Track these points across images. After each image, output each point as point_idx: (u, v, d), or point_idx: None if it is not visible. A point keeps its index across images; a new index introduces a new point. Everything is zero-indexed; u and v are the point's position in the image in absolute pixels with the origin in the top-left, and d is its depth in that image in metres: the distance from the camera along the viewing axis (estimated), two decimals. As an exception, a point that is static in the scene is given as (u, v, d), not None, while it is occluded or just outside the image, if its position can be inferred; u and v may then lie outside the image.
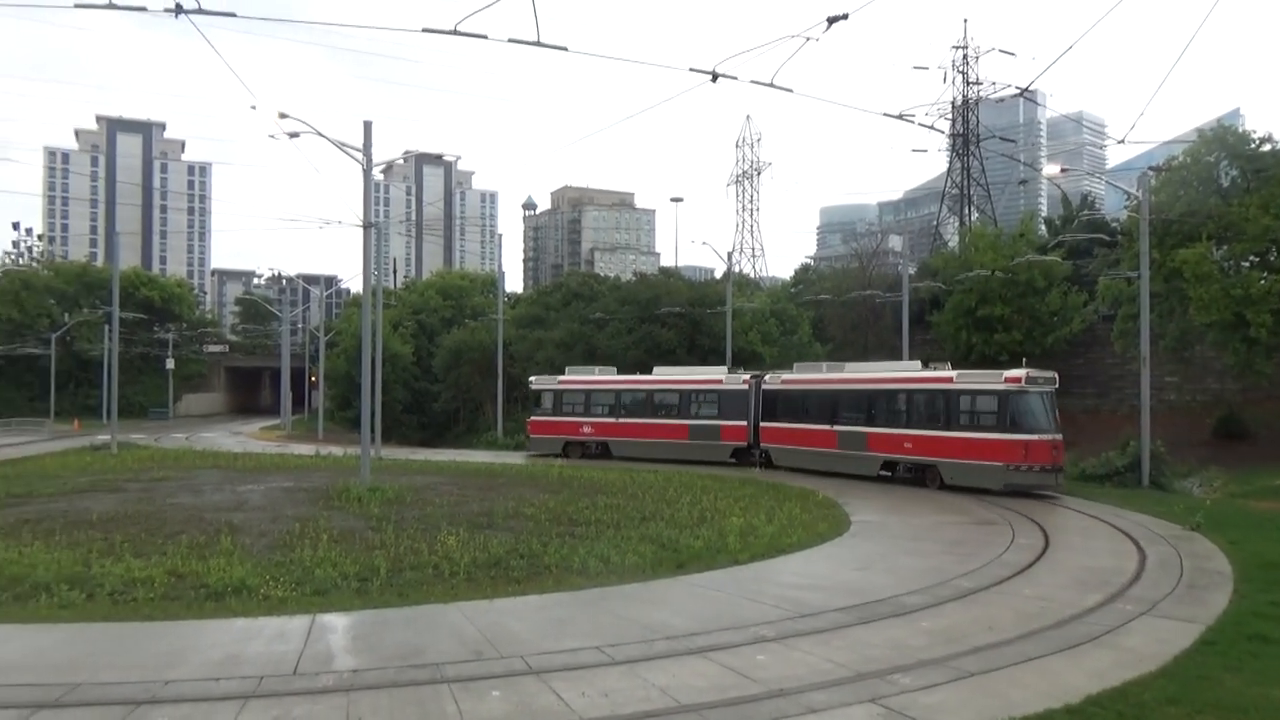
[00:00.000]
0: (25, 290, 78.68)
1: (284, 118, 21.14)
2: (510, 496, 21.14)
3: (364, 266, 24.71)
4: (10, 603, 11.21)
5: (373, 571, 12.65)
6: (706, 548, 14.83)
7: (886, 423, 27.27)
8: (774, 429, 31.25)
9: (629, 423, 35.26)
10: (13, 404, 72.41)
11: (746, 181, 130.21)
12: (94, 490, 22.70)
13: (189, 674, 8.53)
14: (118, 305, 40.81)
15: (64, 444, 44.55)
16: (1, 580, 12.08)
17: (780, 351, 45.89)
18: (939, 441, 25.48)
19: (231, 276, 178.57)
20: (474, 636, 9.81)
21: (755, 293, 57.79)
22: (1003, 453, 23.83)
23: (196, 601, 11.27)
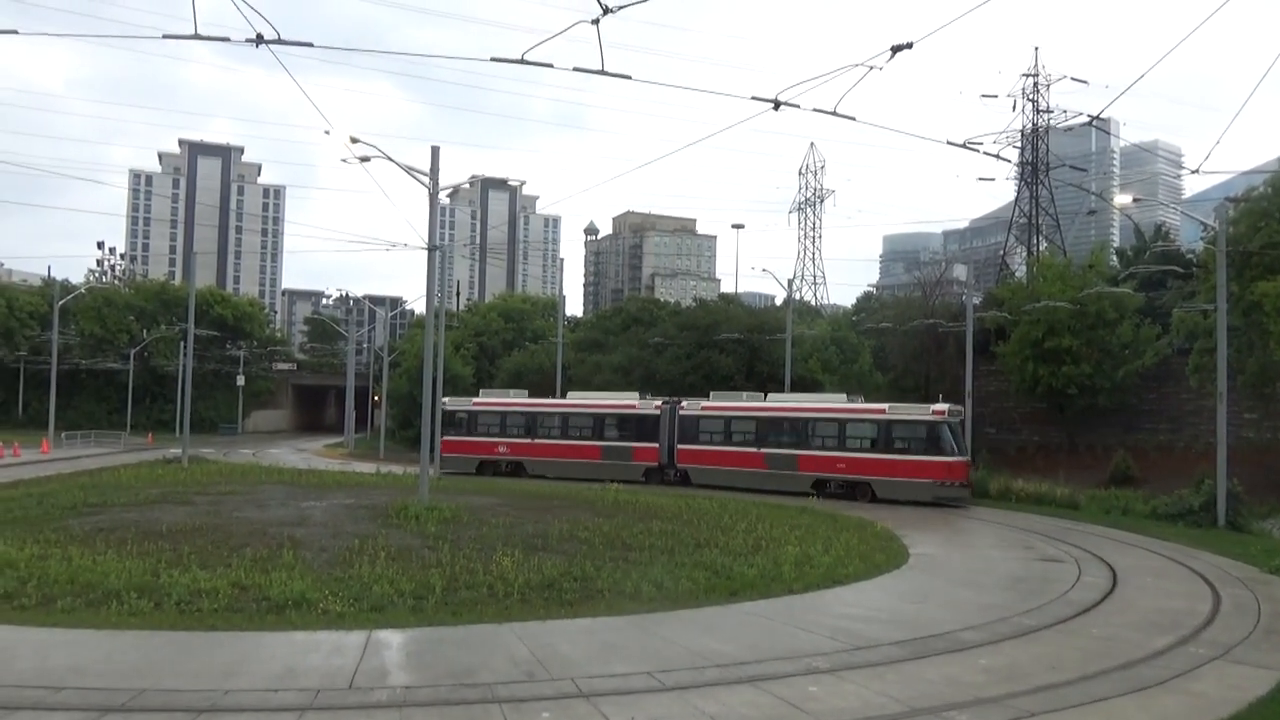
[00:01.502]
0: (107, 307, 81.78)
1: (355, 142, 21.77)
2: (565, 519, 21.20)
3: (428, 288, 25.19)
4: (83, 608, 11.60)
5: (428, 589, 12.80)
6: (761, 576, 14.70)
7: (819, 446, 31.37)
8: (693, 450, 34.30)
9: (543, 443, 37.36)
10: (93, 416, 75.07)
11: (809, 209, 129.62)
12: (164, 502, 23.39)
13: (249, 684, 8.73)
14: (193, 323, 42.26)
15: (138, 456, 46.06)
16: (76, 586, 12.52)
17: (841, 380, 45.41)
18: (873, 462, 30.07)
19: (301, 296, 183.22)
20: (526, 657, 9.86)
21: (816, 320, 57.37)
22: (931, 471, 28.95)
23: (258, 613, 11.53)
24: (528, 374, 54.21)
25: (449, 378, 45.55)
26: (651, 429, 35.41)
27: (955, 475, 28.97)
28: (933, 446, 29.33)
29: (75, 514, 20.52)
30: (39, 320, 77.76)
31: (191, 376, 43.08)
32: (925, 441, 29.47)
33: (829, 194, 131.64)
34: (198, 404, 69.27)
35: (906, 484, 29.26)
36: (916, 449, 29.54)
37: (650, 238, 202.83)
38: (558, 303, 66.04)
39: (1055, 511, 28.28)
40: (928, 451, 29.29)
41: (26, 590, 12.24)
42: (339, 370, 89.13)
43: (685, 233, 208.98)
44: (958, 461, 29.23)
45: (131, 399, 75.18)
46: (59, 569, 13.38)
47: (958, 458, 29.31)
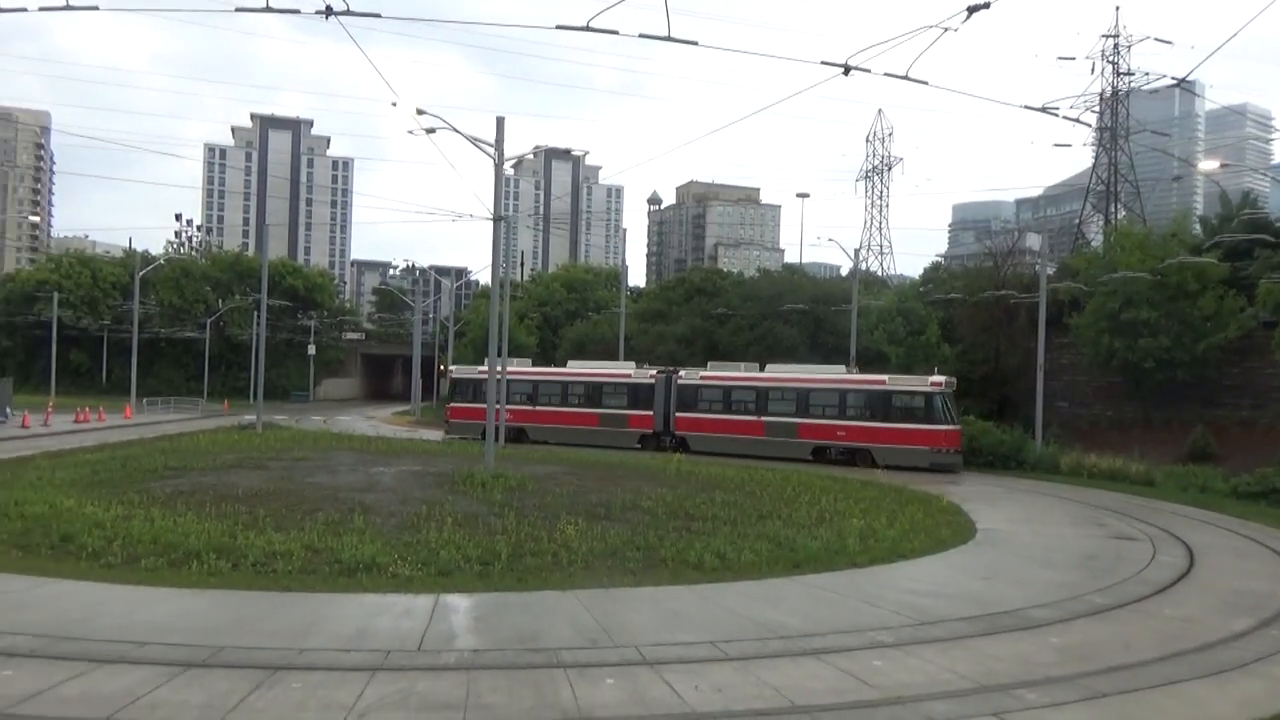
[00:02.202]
0: (185, 277, 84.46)
1: (421, 114, 21.96)
2: (628, 489, 21.30)
3: (493, 259, 25.38)
4: (165, 567, 12.07)
5: (494, 556, 13.00)
6: (824, 549, 14.60)
7: (820, 415, 32.84)
8: (692, 419, 35.70)
9: (544, 410, 38.77)
10: (172, 383, 77.83)
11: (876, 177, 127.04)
12: (240, 467, 24.13)
13: (322, 644, 8.99)
14: (266, 293, 43.34)
15: (215, 422, 47.60)
16: (158, 546, 13.03)
17: (907, 352, 44.68)
18: (874, 430, 31.66)
19: (369, 267, 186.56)
20: (590, 624, 9.97)
21: (882, 291, 56.41)
22: (929, 439, 30.83)
23: (330, 576, 11.86)
24: (590, 344, 54.47)
25: (513, 347, 45.94)
26: (646, 398, 36.77)
27: (950, 443, 31.14)
28: (930, 415, 31.17)
29: (156, 477, 21.30)
30: (121, 290, 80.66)
31: (265, 345, 44.20)
32: (923, 411, 31.26)
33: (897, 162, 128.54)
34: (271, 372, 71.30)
35: (905, 450, 31.01)
36: (915, 418, 31.32)
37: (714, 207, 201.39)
38: (620, 273, 66.02)
39: (1129, 488, 27.51)
40: (925, 420, 31.16)
41: (113, 549, 12.77)
42: (406, 340, 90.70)
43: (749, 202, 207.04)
44: (952, 430, 31.36)
45: (208, 367, 77.68)
46: (142, 529, 13.91)
47: (952, 426, 31.38)
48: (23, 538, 13.68)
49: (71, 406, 49.73)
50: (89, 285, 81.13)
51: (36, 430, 37.88)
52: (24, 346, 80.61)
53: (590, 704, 7.63)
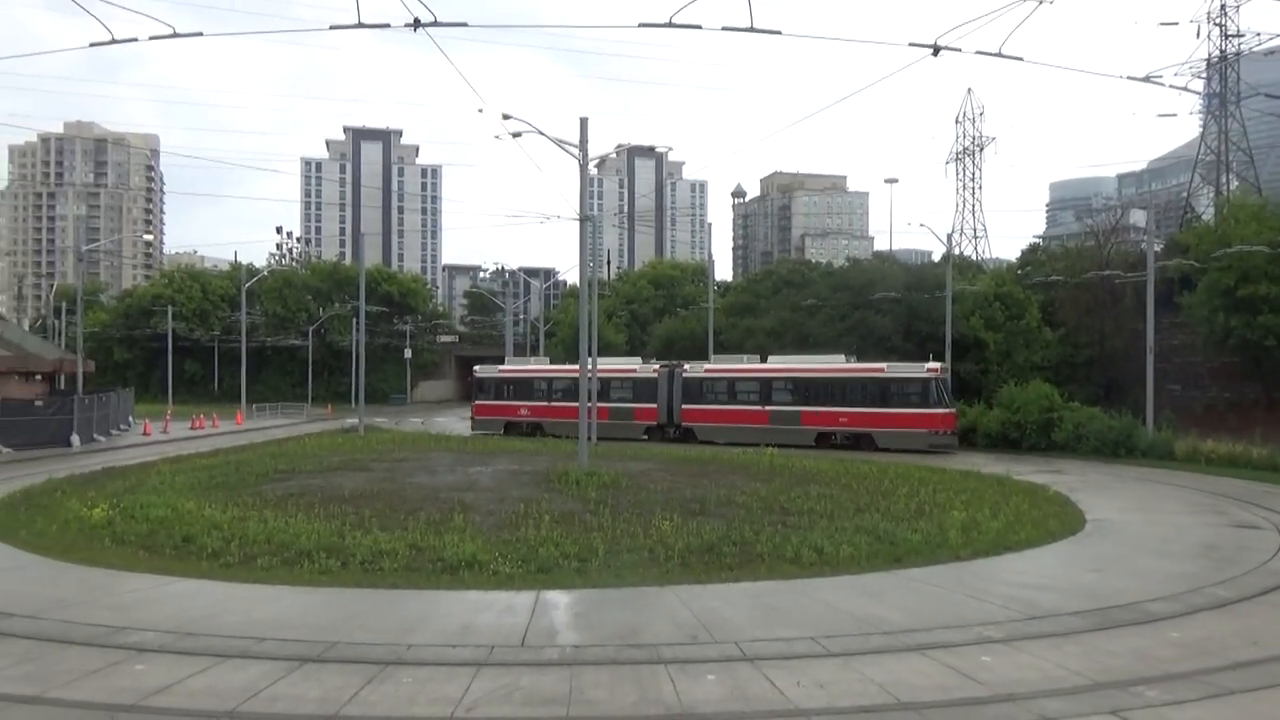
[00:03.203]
0: (287, 288, 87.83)
1: (507, 119, 22.33)
2: (721, 484, 21.28)
3: (580, 259, 25.64)
4: (279, 566, 12.61)
5: (591, 552, 13.15)
6: (925, 542, 14.31)
7: (822, 402, 34.89)
8: (698, 410, 37.71)
9: (559, 405, 40.26)
10: (279, 390, 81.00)
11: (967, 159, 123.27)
12: (345, 469, 25.00)
13: (428, 639, 9.26)
14: (363, 300, 44.72)
15: (319, 426, 49.43)
16: (272, 546, 13.62)
17: (1006, 338, 43.33)
18: (874, 415, 33.81)
19: (460, 271, 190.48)
20: (688, 620, 9.99)
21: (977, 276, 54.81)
22: (927, 422, 33.00)
23: (434, 573, 12.19)
24: (679, 340, 54.45)
25: (602, 346, 46.28)
26: (651, 391, 38.77)
27: (947, 425, 33.27)
28: (927, 400, 33.17)
29: (268, 480, 22.24)
30: (229, 302, 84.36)
31: (364, 350, 45.61)
32: (920, 396, 33.29)
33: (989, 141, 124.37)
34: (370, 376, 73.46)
35: (904, 434, 33.08)
36: (912, 403, 33.38)
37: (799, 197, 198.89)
38: (707, 268, 65.93)
39: (1252, 474, 26.07)
40: (922, 405, 33.17)
41: (230, 549, 13.41)
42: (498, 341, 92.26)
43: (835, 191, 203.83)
44: (948, 413, 33.49)
45: (311, 373, 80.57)
46: (257, 530, 14.56)
47: (947, 410, 33.48)
48: (148, 539, 14.48)
49: (187, 414, 52.37)
50: (199, 298, 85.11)
51: (156, 437, 40.00)
52: (143, 358, 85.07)
53: (692, 700, 7.65)
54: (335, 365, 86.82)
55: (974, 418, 35.56)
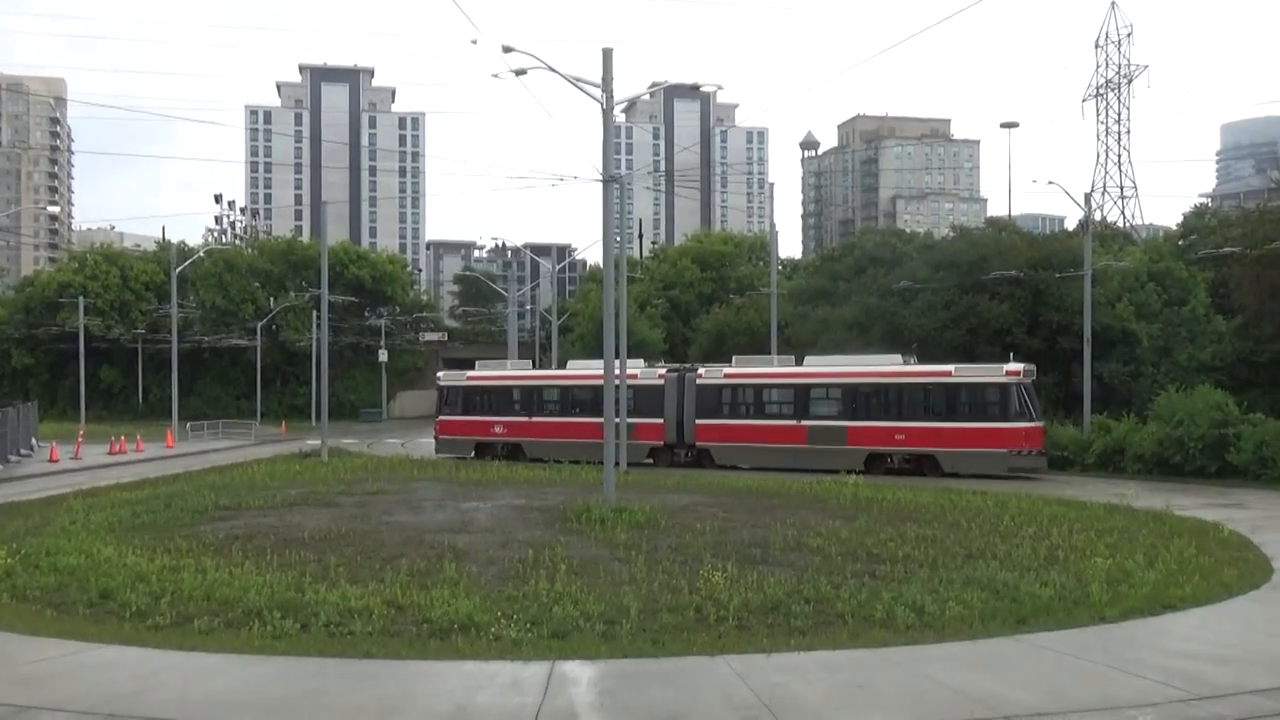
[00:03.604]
0: (229, 272, 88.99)
1: (509, 52, 22.47)
2: (789, 522, 21.20)
3: (604, 231, 25.71)
4: (222, 629, 12.74)
5: (621, 612, 13.16)
6: (1058, 597, 14.17)
7: (872, 416, 35.28)
8: (715, 426, 38.05)
9: (541, 422, 41.31)
10: (219, 403, 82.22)
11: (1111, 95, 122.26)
12: (305, 504, 25.26)
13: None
14: (326, 287, 45.10)
15: (271, 449, 49.98)
16: (213, 603, 13.78)
17: (1163, 328, 42.83)
18: (938, 432, 34.12)
19: (449, 249, 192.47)
20: (748, 700, 9.97)
21: (1125, 248, 54.32)
22: (1006, 439, 33.10)
23: (419, 639, 12.26)
24: (732, 335, 54.54)
25: (634, 344, 46.44)
26: (656, 402, 38.93)
27: (1031, 443, 33.43)
28: (1006, 411, 33.56)
29: (207, 518, 22.53)
30: (155, 292, 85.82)
31: (328, 352, 46.09)
32: (998, 406, 33.73)
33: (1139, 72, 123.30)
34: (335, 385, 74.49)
35: (977, 454, 33.35)
36: (988, 415, 33.78)
37: (889, 148, 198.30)
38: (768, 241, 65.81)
39: None
40: (1001, 417, 33.53)
41: (160, 607, 13.58)
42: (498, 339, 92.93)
43: (936, 138, 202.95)
44: (1034, 427, 33.74)
45: (260, 381, 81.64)
46: (193, 583, 14.76)
47: (1033, 423, 33.76)
48: (57, 594, 14.72)
49: (105, 435, 53.18)
50: (118, 287, 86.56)
51: (66, 464, 40.70)
52: (48, 363, 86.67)
53: (754, 803, 7.63)
54: (291, 371, 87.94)
55: (1121, 435, 35.21)
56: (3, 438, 40.55)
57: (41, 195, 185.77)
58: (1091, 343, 38.38)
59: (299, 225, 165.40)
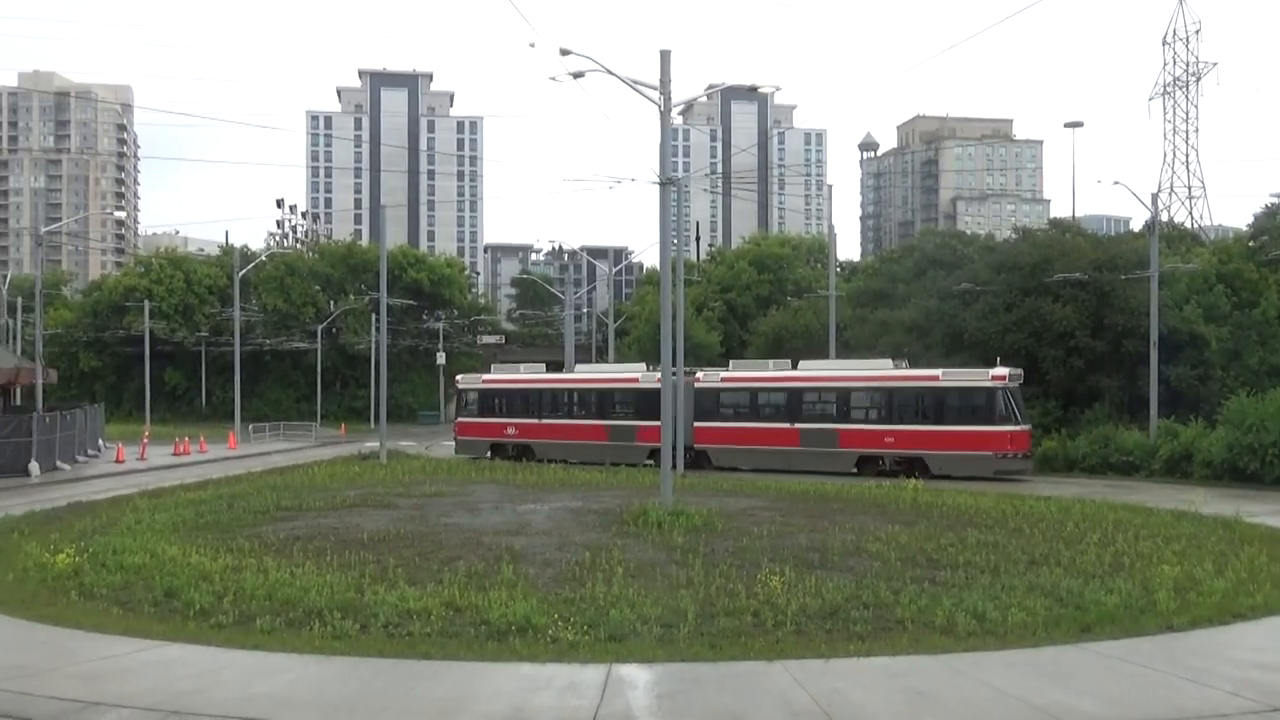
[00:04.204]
0: (290, 276, 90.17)
1: (566, 55, 22.57)
2: (848, 527, 21.12)
3: (661, 233, 25.73)
4: (283, 628, 12.96)
5: (678, 616, 13.17)
6: (1124, 605, 13.95)
7: (864, 419, 36.48)
8: (713, 429, 39.14)
9: (550, 424, 42.81)
10: (280, 406, 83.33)
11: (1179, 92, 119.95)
12: (364, 506, 25.62)
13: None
14: (385, 291, 45.61)
15: (331, 451, 50.65)
16: (275, 603, 14.01)
17: (1234, 333, 41.98)
18: (926, 435, 35.04)
19: (506, 252, 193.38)
20: (806, 706, 9.93)
21: (1193, 249, 53.29)
22: (992, 442, 34.05)
23: (476, 640, 12.37)
24: (790, 338, 54.29)
25: (690, 347, 46.41)
26: (655, 405, 38.79)
27: (1017, 446, 34.47)
28: (993, 415, 34.53)
29: (269, 519, 22.92)
30: (218, 295, 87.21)
31: (386, 355, 46.67)
32: (984, 410, 34.73)
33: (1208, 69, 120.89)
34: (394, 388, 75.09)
35: (964, 457, 34.20)
36: (975, 418, 34.73)
37: (949, 149, 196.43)
38: (827, 243, 65.48)
39: None
40: (988, 420, 34.49)
41: (223, 606, 13.86)
42: (555, 342, 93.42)
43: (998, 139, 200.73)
44: (1019, 431, 34.70)
45: (321, 383, 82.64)
46: (255, 582, 15.01)
47: (1020, 426, 34.72)
48: (123, 592, 15.07)
49: (169, 436, 54.21)
50: (182, 291, 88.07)
51: (132, 465, 41.56)
52: (114, 366, 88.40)
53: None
54: (350, 374, 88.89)
55: (1188, 440, 34.57)
56: (71, 439, 41.49)
57: (109, 200, 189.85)
58: (1159, 346, 37.71)
59: (358, 229, 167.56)
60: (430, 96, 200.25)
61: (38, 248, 52.75)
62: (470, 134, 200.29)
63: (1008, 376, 34.62)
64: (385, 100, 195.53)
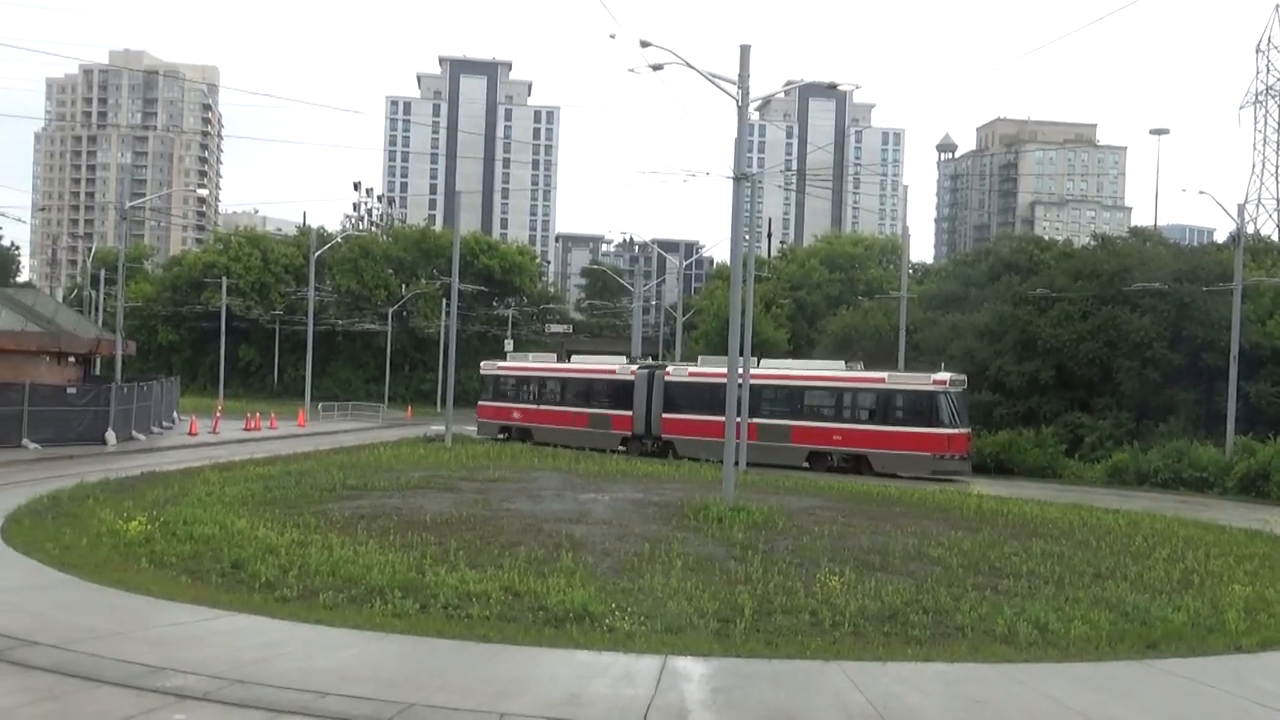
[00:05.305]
0: (364, 258, 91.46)
1: (646, 47, 22.61)
2: (910, 531, 20.95)
3: (733, 229, 25.67)
4: (346, 604, 13.18)
5: (735, 611, 13.18)
6: (1191, 623, 13.68)
7: (815, 416, 38.07)
8: (679, 420, 41.35)
9: (546, 409, 46.07)
10: (349, 386, 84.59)
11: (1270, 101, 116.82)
12: (428, 488, 25.93)
13: (526, 708, 9.49)
14: (457, 276, 46.12)
15: (397, 433, 51.30)
16: (338, 579, 14.27)
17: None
18: (870, 434, 36.98)
19: (578, 242, 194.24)
20: (861, 708, 9.88)
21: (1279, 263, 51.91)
22: (930, 443, 35.85)
23: (534, 625, 12.48)
24: (860, 339, 53.87)
25: (758, 343, 46.28)
26: (628, 396, 42.83)
27: (955, 448, 36.08)
28: (932, 418, 36.19)
29: (335, 497, 23.30)
30: (294, 275, 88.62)
31: (456, 340, 47.26)
32: (926, 412, 36.34)
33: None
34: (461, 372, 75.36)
35: (904, 456, 36.14)
36: (916, 420, 36.37)
37: (1029, 153, 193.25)
38: (900, 244, 64.80)
39: None
40: (927, 423, 36.12)
41: (288, 580, 14.14)
42: (622, 333, 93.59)
43: (1080, 144, 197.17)
44: (958, 434, 36.23)
45: (390, 365, 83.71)
46: (319, 558, 15.29)
47: (958, 430, 36.26)
48: (192, 562, 15.43)
49: (241, 411, 55.37)
50: (259, 269, 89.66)
51: (204, 438, 42.45)
52: (191, 340, 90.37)
53: (863, 811, 7.57)
54: (419, 357, 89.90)
55: (1266, 458, 33.80)
56: (147, 410, 42.49)
57: (192, 178, 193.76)
58: (1239, 361, 36.86)
59: (432, 214, 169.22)
60: (508, 85, 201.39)
61: (122, 222, 54.08)
62: (546, 124, 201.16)
63: (949, 381, 36.47)
64: (464, 88, 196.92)
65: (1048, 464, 39.81)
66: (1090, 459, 40.42)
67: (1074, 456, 40.96)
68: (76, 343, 44.22)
